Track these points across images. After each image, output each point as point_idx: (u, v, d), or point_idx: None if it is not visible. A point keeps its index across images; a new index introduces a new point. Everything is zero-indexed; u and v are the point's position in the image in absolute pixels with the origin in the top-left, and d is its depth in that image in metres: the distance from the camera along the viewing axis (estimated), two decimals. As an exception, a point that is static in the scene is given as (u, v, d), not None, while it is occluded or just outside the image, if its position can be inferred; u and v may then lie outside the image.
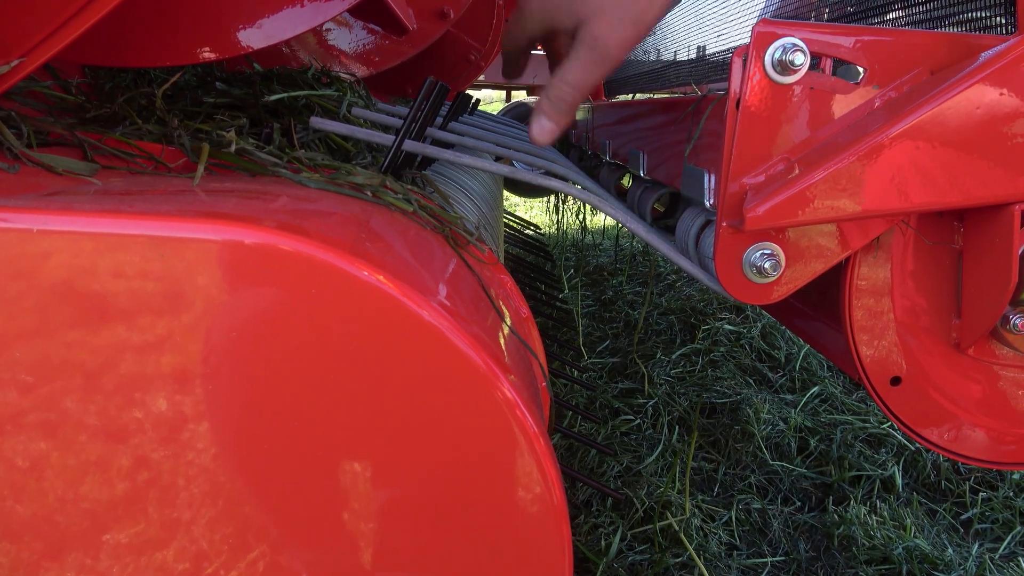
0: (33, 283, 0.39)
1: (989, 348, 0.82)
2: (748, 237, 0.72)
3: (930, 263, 0.80)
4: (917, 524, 1.60)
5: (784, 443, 1.86)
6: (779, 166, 0.71)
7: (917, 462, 1.82)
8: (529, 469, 0.45)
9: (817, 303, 1.01)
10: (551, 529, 0.46)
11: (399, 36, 1.52)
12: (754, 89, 0.70)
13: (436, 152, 0.73)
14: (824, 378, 2.19)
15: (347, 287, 0.41)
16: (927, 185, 0.67)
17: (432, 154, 0.74)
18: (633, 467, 1.73)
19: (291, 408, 0.42)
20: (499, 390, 0.43)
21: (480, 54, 2.44)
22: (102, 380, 0.41)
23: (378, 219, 0.53)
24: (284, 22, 0.84)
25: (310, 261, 0.40)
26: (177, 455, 0.43)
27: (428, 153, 0.74)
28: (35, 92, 0.74)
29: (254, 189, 0.52)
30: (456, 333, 0.42)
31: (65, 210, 0.39)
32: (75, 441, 0.41)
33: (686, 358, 2.29)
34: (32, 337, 0.39)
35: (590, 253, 3.51)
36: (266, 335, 0.41)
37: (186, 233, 0.39)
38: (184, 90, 0.95)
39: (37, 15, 0.49)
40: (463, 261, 0.58)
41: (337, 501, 0.44)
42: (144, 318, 0.40)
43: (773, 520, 1.62)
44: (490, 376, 0.43)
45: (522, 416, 0.44)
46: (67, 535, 0.43)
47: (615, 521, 1.53)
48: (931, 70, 0.71)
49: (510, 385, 0.44)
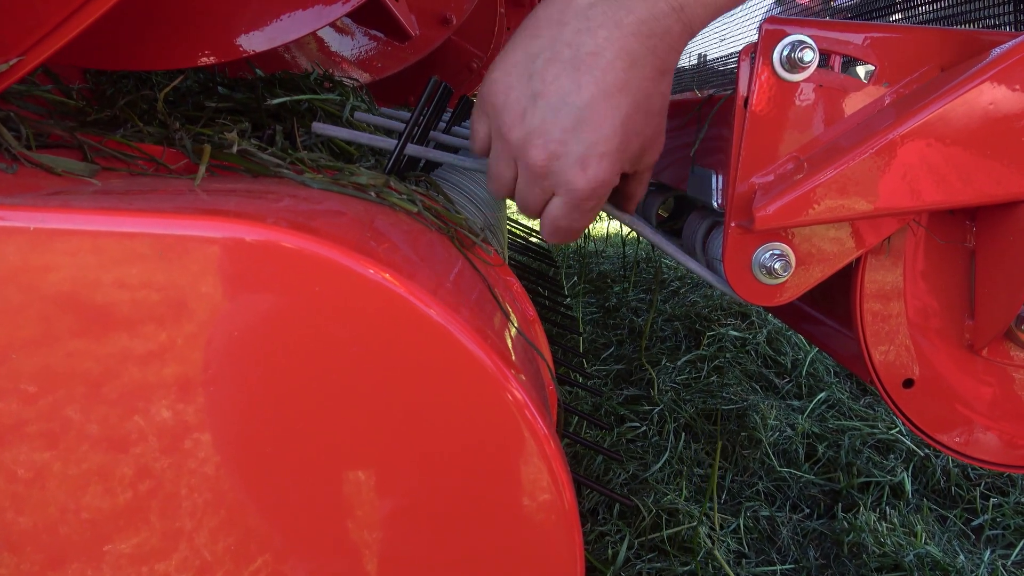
0: (30, 282, 0.38)
1: (1003, 349, 0.81)
2: (757, 237, 0.71)
3: (942, 263, 0.79)
4: (928, 531, 1.58)
5: (792, 449, 1.85)
6: (788, 165, 0.70)
7: (926, 468, 1.80)
8: (539, 472, 0.44)
9: (827, 306, 1.00)
10: (562, 533, 0.45)
11: (401, 42, 1.51)
12: (762, 87, 0.69)
13: (439, 156, 0.72)
14: (831, 384, 2.17)
15: (352, 285, 0.40)
16: (939, 183, 0.66)
17: (436, 158, 0.73)
18: (640, 474, 1.71)
19: (292, 410, 0.41)
20: (508, 391, 0.42)
21: (482, 62, 2.44)
22: (102, 382, 0.40)
23: (383, 219, 0.52)
24: (286, 25, 0.83)
25: (314, 259, 0.39)
26: (179, 463, 0.41)
27: (432, 157, 0.74)
28: (35, 96, 0.73)
29: (257, 189, 0.51)
30: (464, 332, 0.41)
31: (62, 208, 0.38)
32: (73, 438, 0.40)
33: (692, 364, 2.27)
34: (31, 335, 0.38)
35: (593, 260, 3.50)
36: (269, 336, 0.40)
37: (186, 231, 0.38)
38: (186, 96, 0.95)
39: (35, 14, 0.48)
40: (469, 262, 0.57)
41: (341, 505, 0.43)
42: (143, 320, 0.39)
43: (782, 527, 1.60)
44: (499, 376, 0.42)
45: (532, 418, 0.43)
46: (69, 545, 0.42)
47: (622, 529, 1.52)
48: (941, 67, 0.71)
49: (519, 386, 0.43)
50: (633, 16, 0.60)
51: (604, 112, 0.61)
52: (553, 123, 0.60)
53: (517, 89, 0.62)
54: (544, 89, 0.60)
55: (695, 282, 3.07)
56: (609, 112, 0.61)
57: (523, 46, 0.62)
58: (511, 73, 0.62)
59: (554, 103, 0.60)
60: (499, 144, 0.64)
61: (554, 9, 0.61)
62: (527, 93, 0.61)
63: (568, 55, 0.60)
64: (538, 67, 0.61)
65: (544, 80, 0.60)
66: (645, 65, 0.62)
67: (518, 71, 0.62)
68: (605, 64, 0.60)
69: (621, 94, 0.61)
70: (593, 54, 0.60)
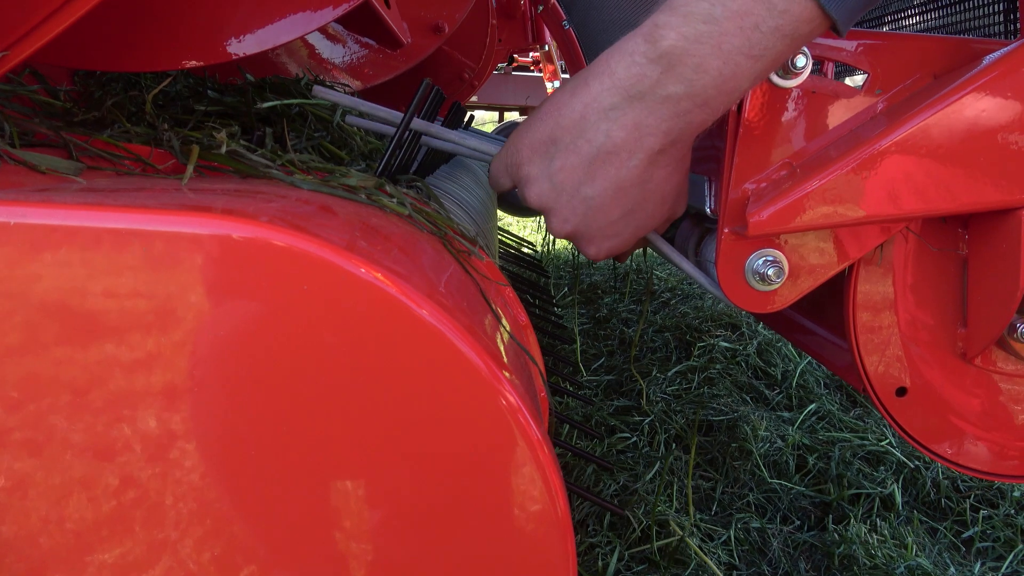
0: (9, 280, 0.37)
1: (995, 358, 0.80)
2: (751, 243, 0.71)
3: (935, 271, 0.79)
4: (918, 543, 1.57)
5: (782, 461, 1.84)
6: (782, 171, 0.70)
7: (916, 480, 1.80)
8: (532, 479, 0.43)
9: (820, 315, 0.99)
10: (555, 541, 0.44)
11: (393, 50, 1.51)
12: (755, 93, 0.69)
13: (442, 133, 0.71)
14: (821, 395, 2.17)
15: (343, 285, 0.39)
16: (933, 189, 0.66)
17: (439, 134, 0.72)
18: (630, 485, 1.70)
19: (279, 414, 0.40)
20: (502, 395, 0.41)
21: (473, 72, 2.44)
22: (86, 391, 0.39)
23: (374, 220, 0.51)
24: (276, 28, 0.83)
25: (304, 257, 0.38)
26: (164, 472, 0.40)
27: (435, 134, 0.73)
28: (21, 97, 0.72)
29: (245, 189, 0.50)
30: (457, 334, 0.40)
31: (44, 203, 0.37)
32: (57, 431, 0.39)
33: (682, 375, 2.26)
34: (9, 337, 0.37)
35: (584, 271, 3.50)
36: (256, 337, 0.39)
37: (172, 227, 0.37)
38: (175, 100, 0.94)
39: (20, 9, 0.47)
40: (461, 266, 0.56)
41: (329, 511, 0.42)
42: (127, 322, 0.38)
43: (772, 539, 1.59)
44: (492, 380, 0.41)
45: (525, 423, 0.42)
46: (52, 555, 0.41)
47: (612, 541, 1.50)
48: (934, 74, 0.71)
49: (513, 390, 0.42)
50: (655, 118, 0.61)
51: (614, 203, 0.65)
52: (568, 206, 0.65)
53: (538, 166, 0.66)
54: (561, 177, 0.64)
55: (685, 293, 3.07)
56: (619, 203, 0.65)
57: (548, 130, 0.65)
58: (536, 151, 0.66)
59: (568, 190, 0.65)
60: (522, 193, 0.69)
61: (578, 103, 0.63)
62: (546, 173, 0.65)
63: (587, 151, 0.63)
64: (557, 152, 0.64)
65: (560, 169, 0.64)
66: (667, 163, 0.64)
67: (540, 152, 0.66)
68: (620, 163, 0.63)
69: (635, 187, 0.64)
70: (611, 153, 0.62)
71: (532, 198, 0.67)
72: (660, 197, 0.67)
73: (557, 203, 0.66)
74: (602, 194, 0.64)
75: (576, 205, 0.65)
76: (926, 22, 1.03)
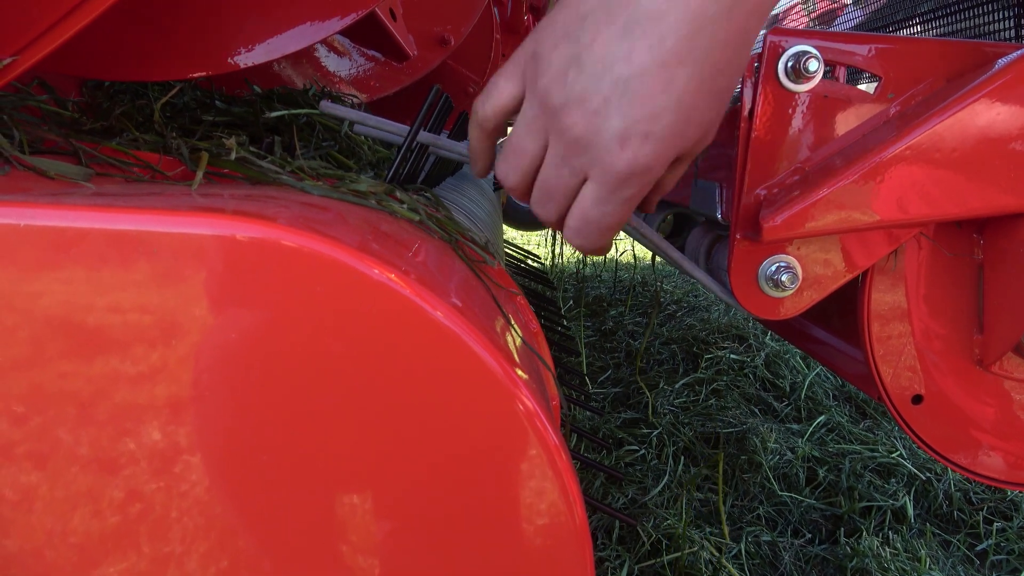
0: (18, 282, 0.36)
1: (1013, 365, 0.79)
2: (764, 249, 0.70)
3: (949, 277, 0.78)
4: (932, 556, 1.55)
5: (792, 473, 1.82)
6: (795, 176, 0.69)
7: (928, 492, 1.78)
8: (549, 485, 0.42)
9: (833, 322, 0.99)
10: (572, 550, 0.43)
11: (399, 62, 1.51)
12: (767, 98, 0.68)
13: (449, 144, 0.71)
14: (830, 407, 2.15)
15: (356, 287, 0.38)
16: (948, 193, 0.66)
17: (446, 146, 0.72)
18: (639, 499, 1.68)
19: (290, 417, 0.40)
20: (519, 399, 0.41)
21: (478, 86, 2.45)
22: (92, 403, 0.38)
23: (386, 225, 0.50)
24: (283, 38, 0.83)
25: (316, 258, 0.37)
26: (170, 486, 0.40)
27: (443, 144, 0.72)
28: (30, 107, 0.72)
29: (255, 194, 0.49)
30: (473, 336, 0.39)
31: (55, 206, 0.36)
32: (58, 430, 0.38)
33: (689, 388, 2.25)
34: (15, 333, 0.37)
35: (590, 284, 3.49)
36: (266, 339, 0.38)
37: (182, 228, 0.36)
38: (183, 111, 0.94)
39: (29, 14, 0.47)
40: (472, 270, 0.55)
41: (344, 520, 0.41)
42: (134, 327, 0.37)
43: (784, 553, 1.57)
44: (508, 384, 0.40)
45: (542, 427, 0.41)
46: (56, 570, 0.40)
47: (621, 555, 1.49)
48: (946, 78, 0.70)
49: (530, 394, 0.41)
50: None
51: (655, 86, 0.51)
52: (595, 92, 0.52)
53: (562, 48, 0.53)
54: (589, 54, 0.52)
55: (691, 305, 3.06)
56: (662, 86, 0.51)
57: (574, 4, 0.53)
58: (558, 30, 0.54)
59: (598, 71, 0.52)
60: (532, 108, 0.56)
61: None
62: (571, 53, 0.53)
63: (623, 18, 0.51)
64: (587, 27, 0.52)
65: (590, 44, 0.52)
66: (717, 31, 0.51)
67: (565, 30, 0.53)
68: (665, 29, 0.50)
69: (681, 66, 0.51)
70: (652, 17, 0.50)
71: (551, 87, 0.54)
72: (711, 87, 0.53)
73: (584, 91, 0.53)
74: (640, 73, 0.51)
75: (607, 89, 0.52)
76: (934, 29, 1.03)
